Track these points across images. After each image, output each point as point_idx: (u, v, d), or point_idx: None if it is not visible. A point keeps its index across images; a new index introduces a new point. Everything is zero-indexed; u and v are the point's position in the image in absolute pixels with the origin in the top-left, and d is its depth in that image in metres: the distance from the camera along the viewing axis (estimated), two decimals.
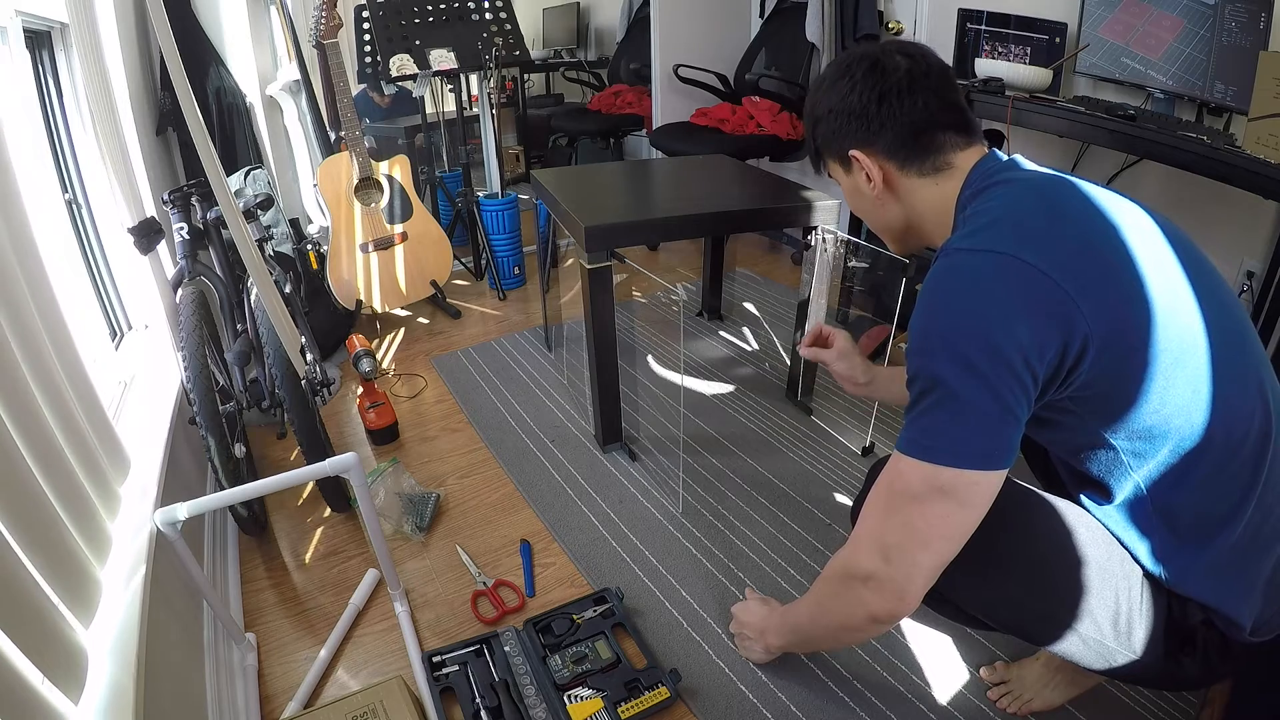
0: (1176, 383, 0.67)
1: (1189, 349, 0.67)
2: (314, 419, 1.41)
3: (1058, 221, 0.70)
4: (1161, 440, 0.69)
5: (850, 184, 0.90)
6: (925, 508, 0.71)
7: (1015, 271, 0.66)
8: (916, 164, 0.82)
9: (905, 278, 1.95)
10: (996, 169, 0.79)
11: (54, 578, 0.75)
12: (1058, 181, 0.75)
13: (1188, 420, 0.68)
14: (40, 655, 0.66)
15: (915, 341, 0.70)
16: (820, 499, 1.51)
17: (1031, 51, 1.99)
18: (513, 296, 2.63)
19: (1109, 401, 0.69)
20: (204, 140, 1.04)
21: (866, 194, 0.88)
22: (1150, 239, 0.70)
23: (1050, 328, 0.65)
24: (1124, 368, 0.67)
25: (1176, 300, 0.68)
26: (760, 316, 2.40)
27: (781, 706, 1.07)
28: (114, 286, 1.55)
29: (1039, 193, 0.74)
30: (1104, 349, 0.65)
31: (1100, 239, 0.69)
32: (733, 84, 3.09)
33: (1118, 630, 0.76)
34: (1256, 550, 0.73)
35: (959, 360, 0.66)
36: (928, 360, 0.68)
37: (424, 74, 2.33)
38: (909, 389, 0.71)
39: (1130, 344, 0.66)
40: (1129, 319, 0.66)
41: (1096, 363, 0.66)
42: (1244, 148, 1.41)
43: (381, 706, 0.96)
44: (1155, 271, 0.68)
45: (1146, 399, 0.67)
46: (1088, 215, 0.71)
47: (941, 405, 0.67)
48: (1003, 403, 0.66)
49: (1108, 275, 0.67)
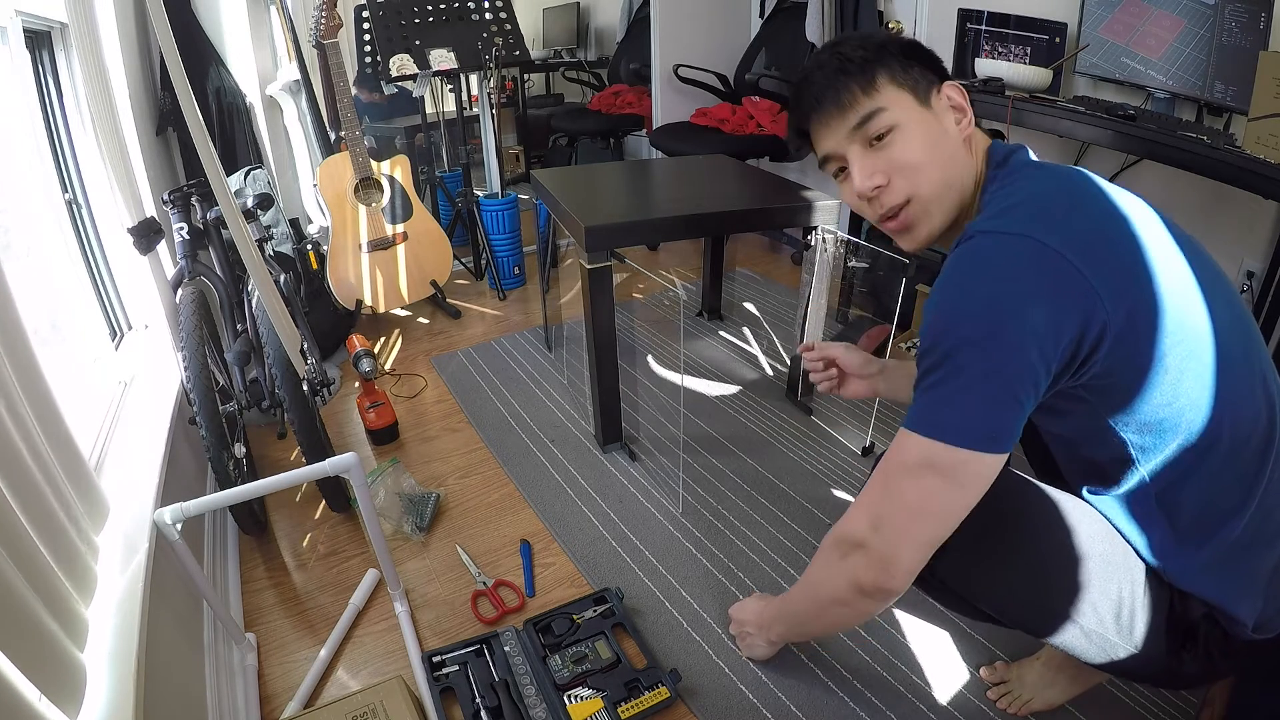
0: (1187, 376, 0.67)
1: (1199, 344, 0.68)
2: (314, 419, 1.41)
3: (1077, 209, 0.69)
4: (1171, 434, 0.69)
5: (930, 118, 0.78)
6: (916, 481, 0.71)
7: (1036, 254, 0.65)
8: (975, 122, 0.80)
9: (905, 278, 1.95)
10: (1010, 151, 0.78)
11: (51, 579, 0.75)
12: (1075, 172, 0.75)
13: (1197, 415, 0.68)
14: (36, 669, 0.65)
15: (929, 317, 0.69)
16: (820, 499, 1.51)
17: (1031, 51, 1.99)
18: (513, 296, 2.63)
19: (1121, 392, 0.68)
20: (204, 140, 1.04)
21: (952, 133, 0.78)
22: (1159, 234, 0.70)
23: (1068, 312, 0.64)
24: (1138, 358, 0.67)
25: (1186, 295, 0.68)
26: (760, 316, 2.40)
27: (781, 706, 1.07)
28: (114, 286, 1.55)
29: (1058, 181, 0.73)
30: (1120, 338, 0.65)
31: (1116, 230, 0.69)
32: (733, 84, 3.09)
33: (1120, 624, 0.76)
34: (1257, 549, 0.73)
35: (970, 339, 0.65)
36: (939, 337, 0.68)
37: (424, 74, 2.33)
38: (918, 365, 0.71)
39: (1145, 335, 0.66)
40: (1145, 310, 0.66)
41: (1112, 352, 0.65)
42: (1244, 148, 1.41)
43: (381, 706, 0.96)
44: (1166, 266, 0.68)
45: (1158, 391, 0.67)
46: (1104, 206, 0.71)
47: (946, 382, 0.67)
48: (1009, 386, 0.65)
49: (1125, 265, 0.67)
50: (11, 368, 0.84)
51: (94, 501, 0.98)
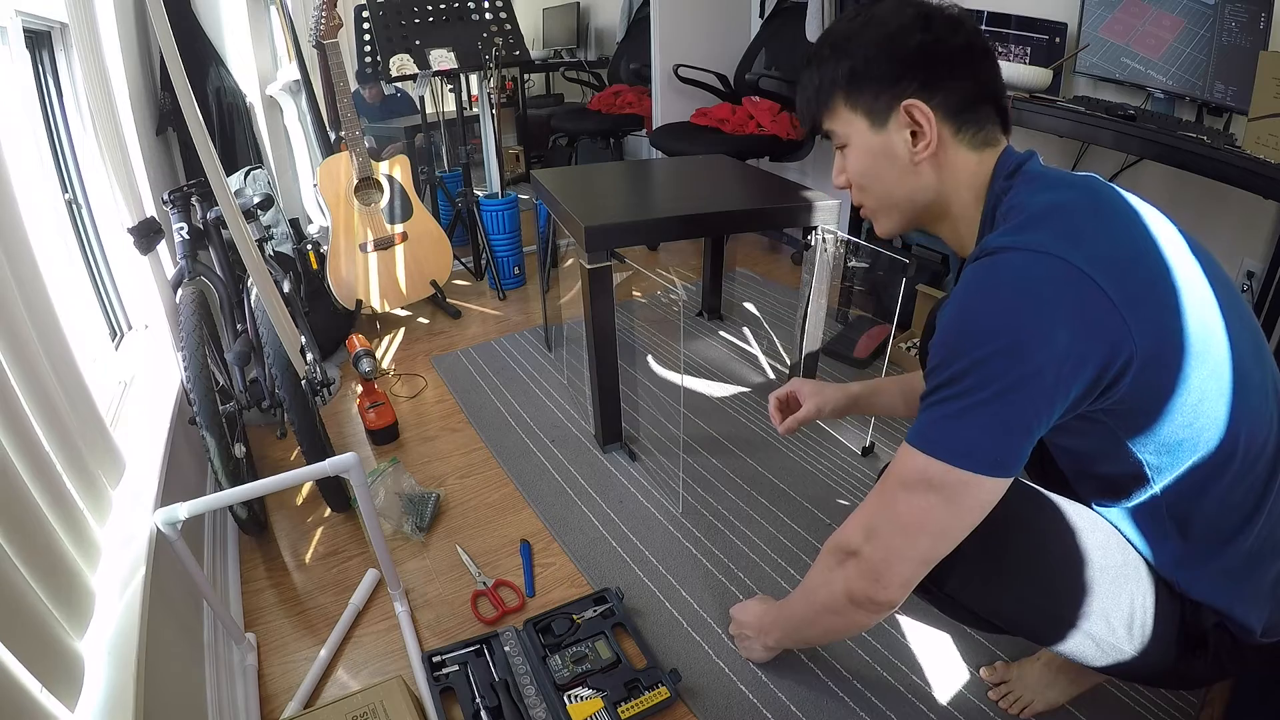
0: (1209, 397, 0.66)
1: (1220, 364, 0.66)
2: (314, 419, 1.41)
3: (1104, 226, 0.66)
4: (1189, 453, 0.68)
5: (876, 144, 0.77)
6: (913, 497, 0.70)
7: (1063, 275, 0.61)
8: (969, 132, 0.75)
9: (905, 278, 1.95)
10: (1023, 160, 0.76)
11: (49, 580, 0.75)
12: (1093, 182, 0.72)
13: (1215, 433, 0.67)
14: (36, 662, 0.65)
15: (943, 334, 0.66)
16: (820, 499, 1.51)
17: (1031, 51, 1.99)
18: (513, 296, 2.63)
19: (1143, 416, 0.66)
20: (204, 140, 1.04)
21: (900, 157, 0.76)
22: (1181, 252, 0.68)
23: (1095, 342, 0.61)
24: (1162, 384, 0.64)
25: (1208, 316, 0.66)
26: (760, 316, 2.40)
27: (781, 706, 1.07)
28: (114, 286, 1.55)
29: (1079, 193, 0.70)
30: (1146, 366, 0.63)
31: (1142, 248, 0.66)
32: (733, 84, 3.09)
33: (1132, 634, 0.76)
34: (1265, 559, 0.72)
35: (986, 359, 0.62)
36: (953, 354, 0.65)
37: (424, 74, 2.33)
38: (927, 380, 0.69)
39: (1171, 362, 0.64)
40: (1171, 335, 0.64)
41: (1137, 379, 0.63)
42: (1244, 148, 1.41)
43: (381, 706, 0.96)
44: (1190, 287, 0.66)
45: (1180, 413, 0.66)
46: (1129, 222, 0.68)
47: (953, 402, 0.65)
48: (1022, 413, 0.63)
49: (1154, 291, 0.64)
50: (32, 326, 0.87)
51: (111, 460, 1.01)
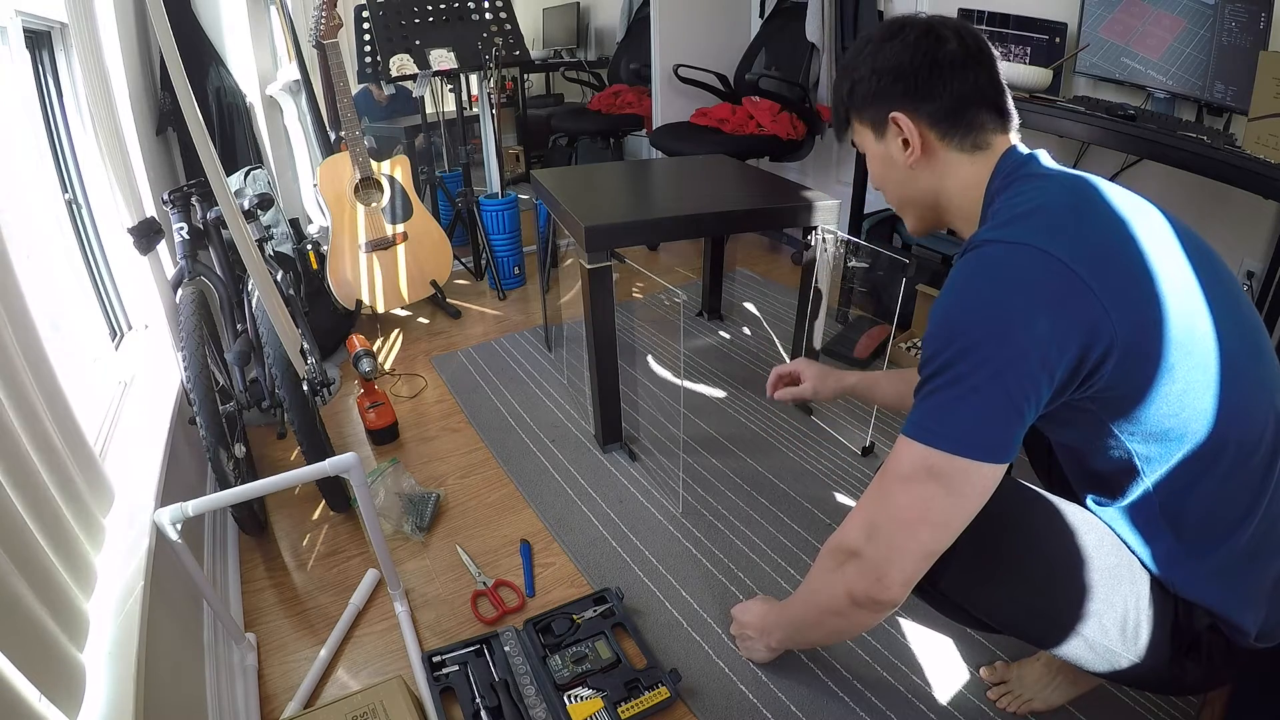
0: (1195, 387, 0.67)
1: (1207, 355, 0.67)
2: (314, 419, 1.41)
3: (1085, 219, 0.69)
4: (1178, 444, 0.69)
5: (881, 151, 0.87)
6: (911, 488, 0.70)
7: (1041, 264, 0.65)
8: (958, 137, 0.80)
9: (905, 278, 1.95)
10: (1023, 161, 0.78)
11: (46, 585, 0.75)
12: (1083, 181, 0.75)
13: (1203, 425, 0.68)
14: (35, 669, 0.65)
15: (933, 326, 0.69)
16: (820, 499, 1.51)
17: (1031, 51, 1.99)
18: (513, 296, 2.63)
19: (1127, 402, 0.68)
20: (204, 140, 1.04)
21: (898, 162, 0.84)
22: (1167, 243, 0.70)
23: (1073, 326, 0.64)
24: (1145, 371, 0.66)
25: (1192, 306, 0.67)
26: (760, 316, 2.40)
27: (781, 706, 1.07)
28: (114, 286, 1.55)
29: (1067, 190, 0.73)
30: (1127, 352, 0.65)
31: (1123, 242, 0.68)
32: (733, 84, 3.09)
33: (1125, 636, 0.76)
34: (1262, 558, 0.73)
35: (972, 347, 0.65)
36: (942, 345, 0.67)
37: (424, 74, 2.33)
38: (920, 372, 0.71)
39: (1152, 348, 0.66)
40: (1151, 325, 0.65)
41: (1119, 366, 0.65)
42: (1244, 148, 1.41)
43: (381, 706, 0.96)
44: (1173, 276, 0.67)
45: (1164, 401, 0.67)
46: (1112, 217, 0.70)
47: (946, 390, 0.67)
48: (1010, 396, 0.65)
49: (1132, 279, 0.66)
50: (21, 355, 0.84)
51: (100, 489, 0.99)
